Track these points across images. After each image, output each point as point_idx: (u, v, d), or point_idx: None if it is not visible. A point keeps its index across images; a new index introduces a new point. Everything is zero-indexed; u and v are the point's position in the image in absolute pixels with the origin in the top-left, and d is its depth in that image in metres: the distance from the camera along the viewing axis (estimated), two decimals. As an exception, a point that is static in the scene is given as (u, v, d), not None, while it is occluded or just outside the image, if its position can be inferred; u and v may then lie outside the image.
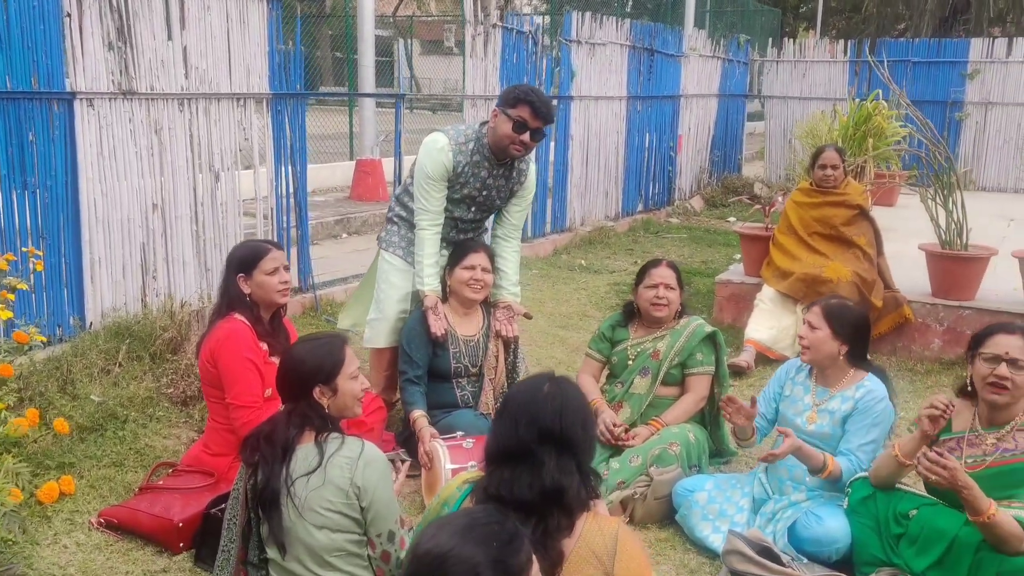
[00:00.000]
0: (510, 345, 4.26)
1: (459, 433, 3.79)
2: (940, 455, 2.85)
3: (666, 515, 3.65)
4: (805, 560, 3.23)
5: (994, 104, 12.39)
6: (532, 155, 4.24)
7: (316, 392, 2.74)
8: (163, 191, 5.15)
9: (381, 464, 2.73)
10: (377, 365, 4.36)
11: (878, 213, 7.57)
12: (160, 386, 4.38)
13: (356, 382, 2.88)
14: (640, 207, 11.00)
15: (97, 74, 4.72)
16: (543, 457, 2.18)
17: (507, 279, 4.31)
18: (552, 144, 8.99)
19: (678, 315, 4.13)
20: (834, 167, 5.74)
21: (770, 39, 14.59)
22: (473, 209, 4.21)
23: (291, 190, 6.03)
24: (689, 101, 11.93)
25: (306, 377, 2.73)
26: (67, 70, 4.61)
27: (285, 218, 6.04)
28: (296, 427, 2.71)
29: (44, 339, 3.77)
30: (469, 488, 2.32)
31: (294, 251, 6.16)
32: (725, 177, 13.10)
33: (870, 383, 3.43)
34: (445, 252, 4.21)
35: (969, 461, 3.05)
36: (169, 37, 5.07)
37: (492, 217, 4.41)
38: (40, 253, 4.30)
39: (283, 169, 5.96)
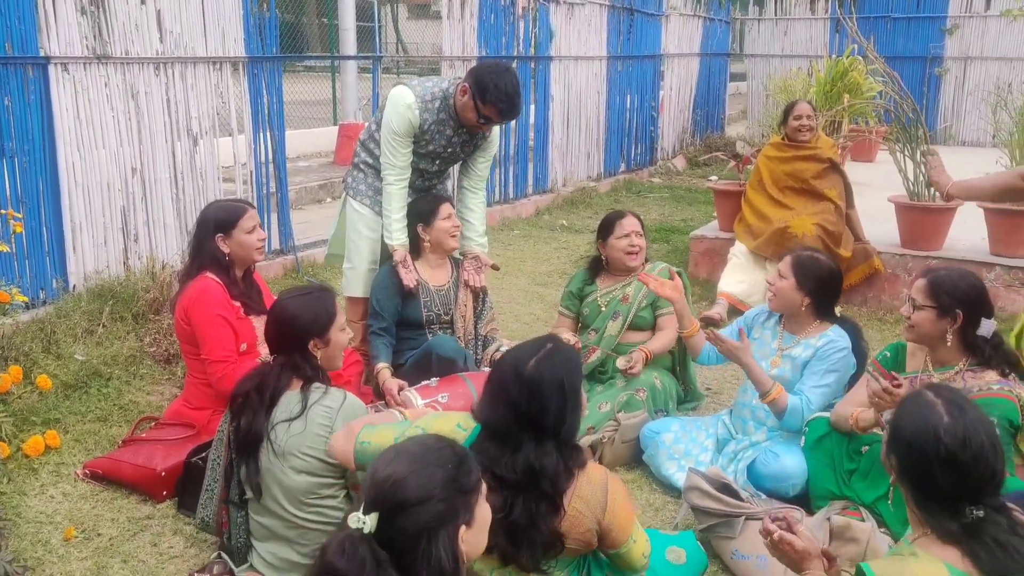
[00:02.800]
0: (478, 295, 4.37)
1: (433, 380, 3.91)
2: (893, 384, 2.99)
3: (633, 457, 3.80)
4: (764, 496, 3.36)
5: (973, 59, 12.45)
6: None
7: (312, 344, 2.85)
8: (142, 155, 5.21)
9: (359, 414, 2.83)
10: (353, 315, 4.46)
11: (857, 169, 7.69)
12: (143, 345, 4.48)
13: (344, 334, 3.00)
14: (623, 167, 11.07)
15: (71, 39, 4.77)
16: (522, 441, 2.30)
17: (474, 230, 4.40)
18: (532, 106, 9.02)
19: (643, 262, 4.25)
20: (809, 118, 5.83)
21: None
22: (438, 162, 4.29)
23: (270, 154, 6.09)
24: (671, 61, 11.96)
25: (303, 330, 2.83)
26: (40, 35, 4.64)
27: (264, 183, 6.10)
28: (286, 378, 2.81)
29: (25, 299, 3.87)
30: (472, 435, 2.37)
31: (274, 215, 6.24)
32: (708, 136, 13.15)
33: (833, 333, 3.54)
34: (409, 199, 4.30)
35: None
36: (143, 1, 5.10)
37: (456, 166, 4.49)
38: (20, 216, 4.37)
39: (261, 133, 6.01)
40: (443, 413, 2.74)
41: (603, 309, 4.22)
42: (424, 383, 3.83)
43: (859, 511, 3.15)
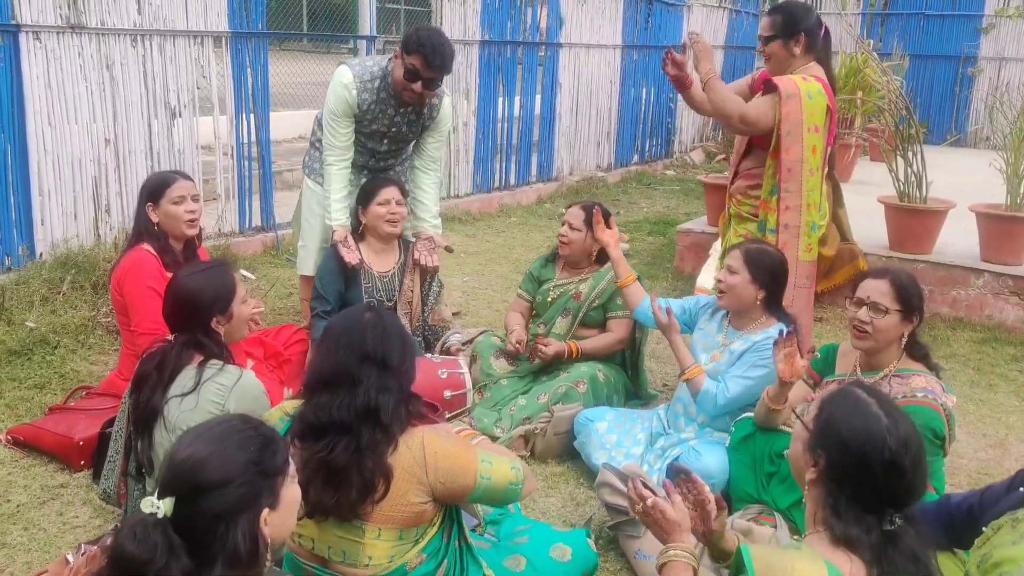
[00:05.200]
0: (426, 277, 4.30)
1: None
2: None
3: (566, 450, 3.72)
4: (681, 496, 3.27)
5: (1008, 59, 12.06)
6: (445, 89, 4.22)
7: (215, 321, 2.81)
8: (116, 127, 5.22)
9: (255, 392, 2.79)
10: (305, 293, 4.45)
11: (869, 168, 7.44)
12: (97, 315, 4.50)
13: (246, 306, 2.97)
14: (636, 158, 10.92)
15: (44, 7, 4.78)
16: (362, 377, 2.24)
17: (426, 211, 4.34)
18: (538, 93, 8.93)
19: (599, 259, 4.14)
20: (795, 115, 5.66)
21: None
22: (386, 141, 4.22)
23: (252, 134, 6.07)
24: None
25: (205, 307, 2.79)
26: (12, 2, 4.66)
27: (247, 162, 6.09)
28: (187, 355, 2.78)
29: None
30: (289, 422, 2.35)
31: (256, 195, 6.23)
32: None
33: (775, 331, 3.41)
34: (363, 180, 4.23)
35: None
36: (121, -29, 5.10)
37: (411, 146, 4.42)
38: None
39: (244, 112, 5.99)
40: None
41: (551, 302, 4.14)
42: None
43: (773, 516, 3.05)
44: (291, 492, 1.80)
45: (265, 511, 1.72)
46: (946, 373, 4.74)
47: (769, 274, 3.37)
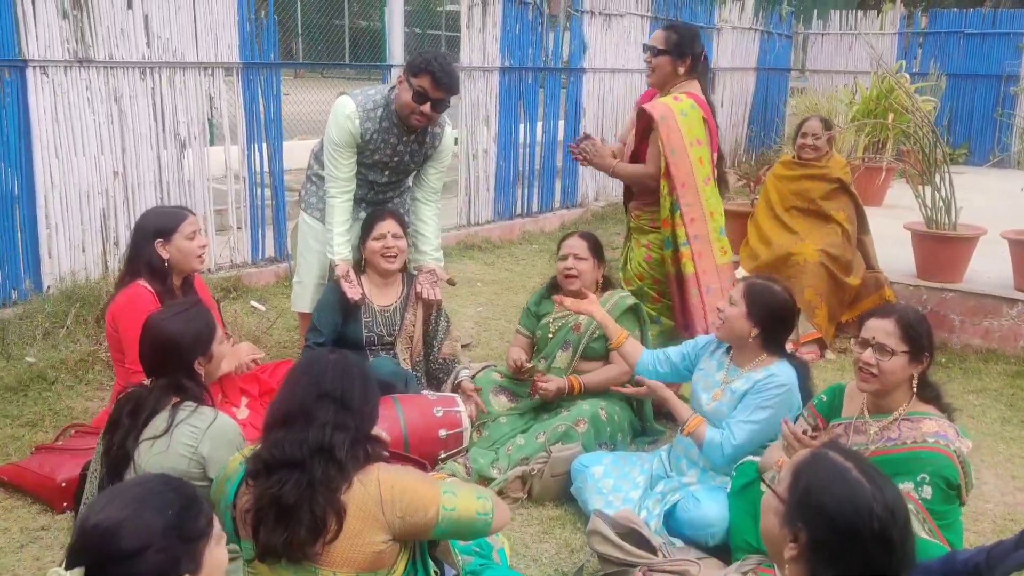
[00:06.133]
0: (431, 311, 4.20)
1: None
2: (809, 435, 2.73)
3: (563, 492, 3.56)
4: (680, 543, 3.11)
5: (1051, 79, 11.71)
6: (446, 119, 4.15)
7: (197, 363, 2.73)
8: (125, 159, 5.22)
9: (230, 435, 2.70)
10: (304, 330, 4.36)
11: (903, 191, 7.19)
12: (98, 349, 4.46)
13: (224, 346, 2.90)
14: (665, 183, 10.73)
15: (51, 42, 4.80)
16: (318, 414, 2.17)
17: (428, 243, 4.25)
18: (561, 118, 8.83)
19: (600, 288, 4.01)
20: (815, 136, 5.51)
21: (831, 11, 14.02)
22: (387, 173, 4.14)
23: (265, 164, 6.04)
24: (722, 75, 11.59)
25: (188, 350, 2.70)
26: (20, 38, 4.68)
27: (259, 192, 6.06)
28: (166, 400, 2.69)
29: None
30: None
31: (269, 226, 6.20)
32: (763, 153, 12.69)
33: (777, 368, 3.25)
34: (363, 214, 4.16)
35: (854, 449, 2.88)
36: (129, 6, 5.11)
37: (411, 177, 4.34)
38: None
39: (256, 142, 5.97)
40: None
41: (552, 336, 4.01)
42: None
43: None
44: (215, 556, 1.69)
45: None
46: (976, 408, 4.53)
47: (767, 312, 3.20)
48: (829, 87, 12.72)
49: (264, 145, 6.00)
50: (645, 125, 4.13)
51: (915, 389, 2.81)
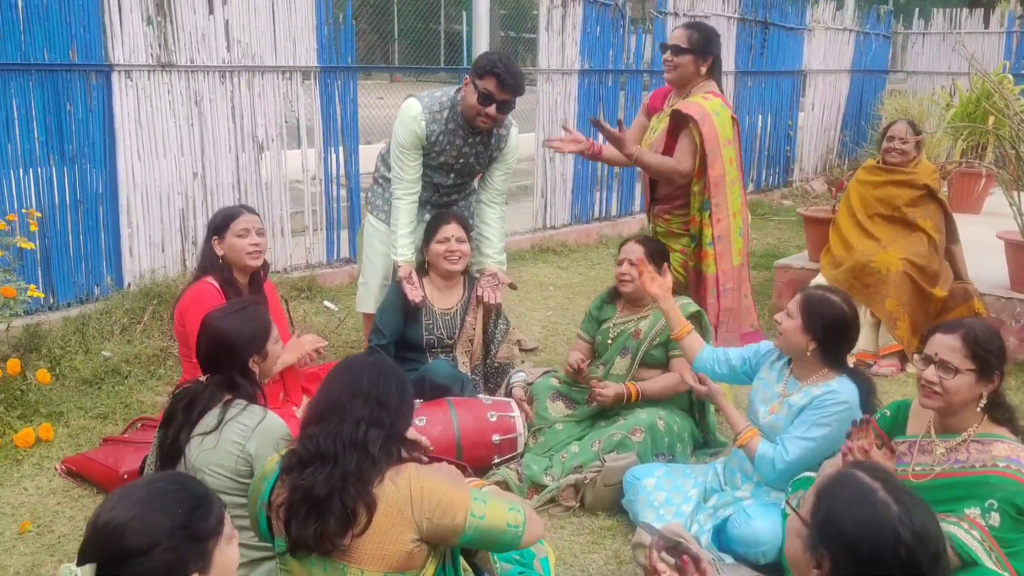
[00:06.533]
0: (491, 314, 4.17)
1: (416, 402, 3.76)
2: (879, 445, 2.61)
3: (616, 503, 3.48)
4: (730, 560, 3.00)
5: None
6: (512, 120, 4.13)
7: (251, 362, 2.79)
8: (204, 161, 5.37)
9: (278, 434, 2.73)
10: (368, 331, 4.39)
11: (1003, 199, 6.87)
12: (170, 345, 4.58)
13: (278, 345, 2.94)
14: (751, 187, 10.49)
15: (135, 47, 4.97)
16: (353, 410, 2.20)
17: (491, 246, 4.23)
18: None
19: None
20: (902, 140, 5.26)
21: (928, 10, 13.44)
22: (452, 175, 4.14)
23: (341, 167, 6.13)
24: (814, 77, 11.24)
25: (243, 349, 2.76)
26: (106, 43, 4.86)
27: (335, 196, 6.14)
28: (220, 396, 2.75)
29: (40, 294, 4.03)
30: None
31: (344, 229, 6.28)
32: (856, 158, 12.26)
33: (838, 384, 3.10)
34: (428, 216, 4.17)
35: (918, 469, 2.73)
36: (211, 12, 5.25)
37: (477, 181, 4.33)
38: (39, 215, 4.54)
39: (332, 146, 6.05)
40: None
41: (611, 342, 3.93)
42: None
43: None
44: (226, 555, 1.70)
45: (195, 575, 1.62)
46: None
47: (822, 326, 3.05)
48: (929, 89, 12.22)
49: (340, 148, 6.09)
50: (675, 125, 4.06)
51: (984, 409, 2.63)
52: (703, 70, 4.06)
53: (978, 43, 12.22)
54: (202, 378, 2.84)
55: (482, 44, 10.92)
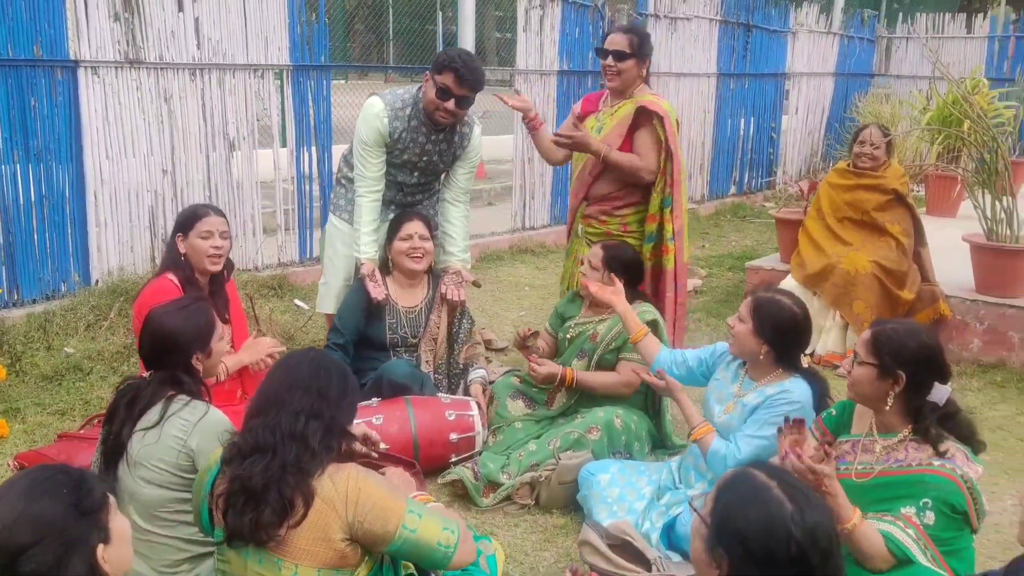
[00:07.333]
0: (455, 312, 4.18)
1: (374, 400, 3.77)
2: (814, 457, 2.61)
3: (571, 500, 3.49)
4: (677, 558, 2.99)
5: None
6: (475, 119, 4.14)
7: (195, 359, 2.78)
8: (174, 158, 5.36)
9: (219, 428, 2.72)
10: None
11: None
12: (133, 341, 4.57)
13: (223, 342, 2.94)
14: (732, 190, 10.52)
15: (102, 43, 4.96)
16: (292, 402, 2.21)
17: (455, 245, 4.23)
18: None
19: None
20: (872, 144, 5.29)
21: (913, 14, 13.47)
22: (416, 174, 4.14)
23: (314, 166, 6.12)
24: (798, 80, 11.28)
25: (186, 345, 2.75)
26: (71, 39, 4.85)
27: (307, 196, 6.14)
28: (163, 392, 2.74)
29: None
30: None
31: (317, 229, 6.27)
32: (840, 160, 12.29)
33: (791, 384, 3.12)
34: (391, 216, 4.17)
35: (859, 468, 2.74)
36: (180, 9, 5.25)
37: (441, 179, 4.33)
38: None
39: (305, 145, 6.05)
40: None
41: (569, 342, 3.94)
42: (365, 403, 3.68)
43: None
44: (119, 523, 1.72)
45: (100, 547, 1.63)
46: (1028, 431, 4.27)
47: (772, 329, 3.07)
48: (913, 94, 12.26)
49: (313, 147, 6.09)
50: (635, 122, 4.12)
51: (909, 411, 2.64)
52: (644, 71, 4.15)
53: (960, 48, 12.29)
54: (145, 374, 2.84)
55: (468, 45, 10.93)
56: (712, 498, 1.66)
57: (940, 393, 2.62)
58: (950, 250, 5.66)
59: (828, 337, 5.15)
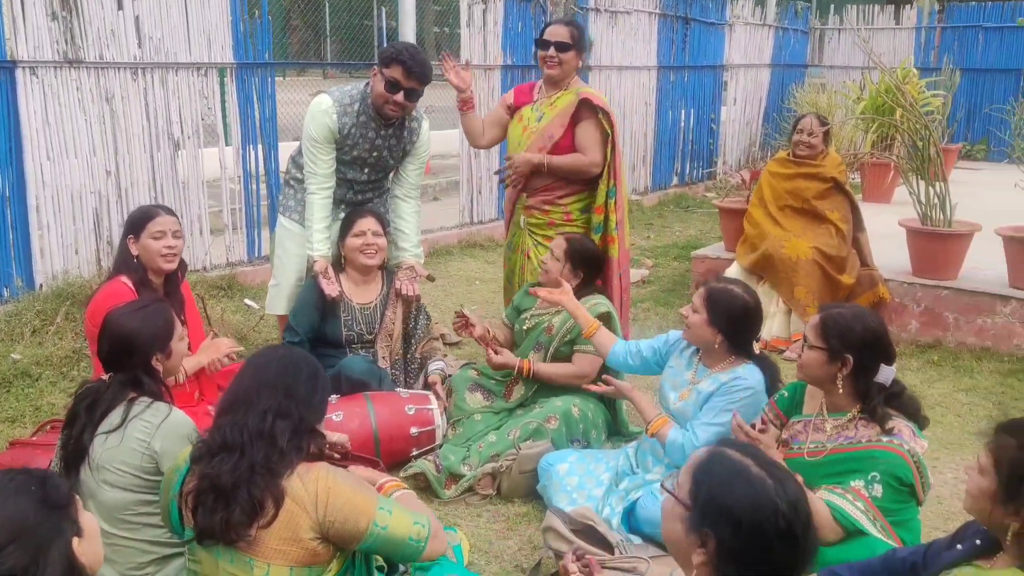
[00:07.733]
0: (411, 308, 4.21)
1: (333, 397, 3.77)
2: (758, 429, 2.73)
3: (532, 490, 3.55)
4: (638, 541, 3.08)
5: (1071, 72, 11.49)
6: (423, 114, 4.18)
7: (155, 360, 2.77)
8: (118, 158, 5.28)
9: (183, 430, 2.72)
10: (282, 332, 4.38)
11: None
12: (84, 346, 4.50)
13: (183, 343, 2.93)
14: (675, 181, 10.69)
15: (40, 43, 4.87)
16: (260, 401, 2.21)
17: (407, 240, 4.26)
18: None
19: (583, 289, 3.98)
20: (810, 133, 5.45)
21: (844, 6, 13.83)
22: (366, 170, 4.16)
23: (260, 165, 6.08)
24: (735, 72, 11.49)
25: (145, 346, 2.74)
26: (7, 39, 4.75)
27: (254, 195, 6.09)
28: (123, 395, 2.72)
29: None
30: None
31: (265, 228, 6.23)
32: (778, 150, 12.56)
33: (744, 371, 3.22)
34: (342, 215, 4.18)
35: (811, 447, 2.85)
36: (120, 7, 5.17)
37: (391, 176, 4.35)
38: None
39: (251, 143, 6.00)
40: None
41: (525, 333, 4.00)
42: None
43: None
44: (88, 519, 1.71)
45: (75, 540, 1.64)
46: (964, 407, 4.46)
47: (726, 318, 3.16)
48: (844, 84, 12.59)
49: (259, 145, 6.04)
50: (579, 116, 4.20)
51: (856, 391, 2.75)
52: (580, 63, 4.29)
53: (890, 39, 12.65)
54: (105, 377, 2.82)
55: (409, 39, 10.91)
56: (688, 480, 1.70)
57: (886, 374, 2.74)
58: (887, 235, 5.85)
59: (773, 322, 5.30)
